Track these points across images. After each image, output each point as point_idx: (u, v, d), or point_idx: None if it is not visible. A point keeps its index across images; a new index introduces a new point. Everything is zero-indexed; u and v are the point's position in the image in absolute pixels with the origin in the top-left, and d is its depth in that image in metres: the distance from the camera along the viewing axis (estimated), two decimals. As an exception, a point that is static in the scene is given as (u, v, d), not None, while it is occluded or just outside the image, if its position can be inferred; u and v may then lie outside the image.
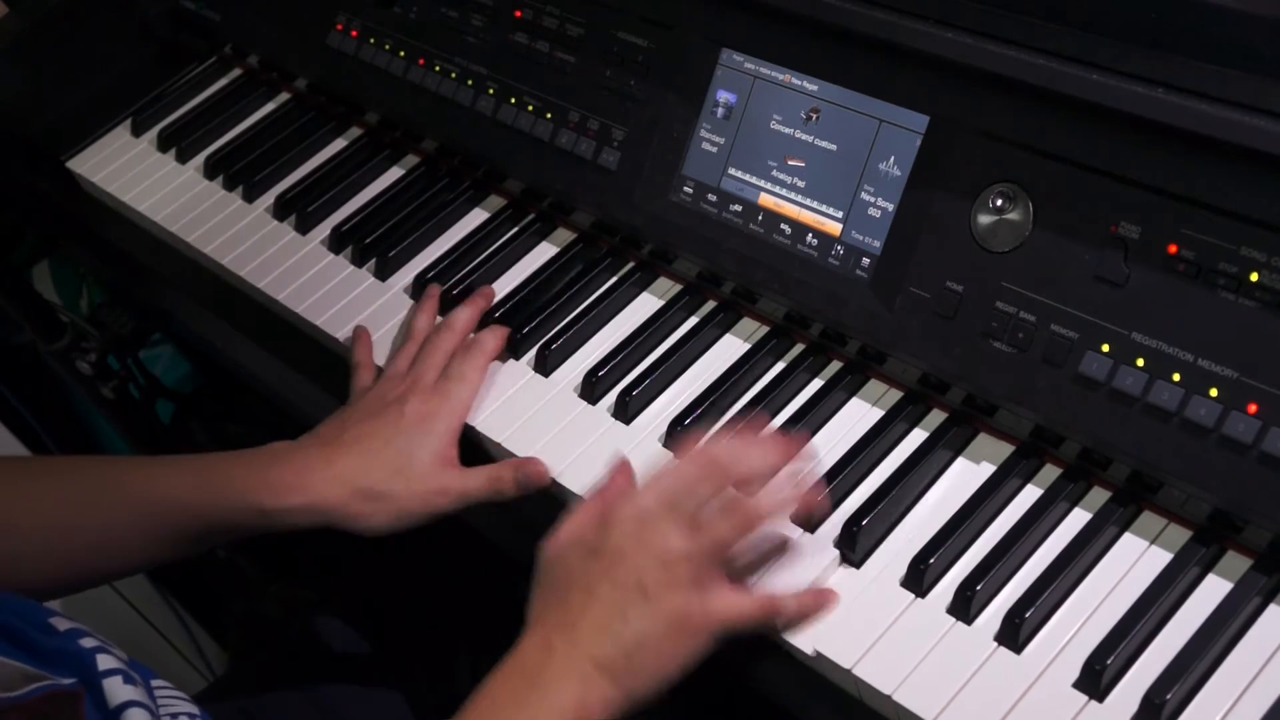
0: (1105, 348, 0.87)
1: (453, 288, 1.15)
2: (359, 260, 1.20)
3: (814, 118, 1.02)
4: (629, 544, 0.86)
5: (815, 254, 1.01)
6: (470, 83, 1.20)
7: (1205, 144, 0.83)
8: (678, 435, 0.99)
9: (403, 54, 1.25)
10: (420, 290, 1.16)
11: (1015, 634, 0.83)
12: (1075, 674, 0.81)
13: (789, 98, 1.03)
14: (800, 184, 1.02)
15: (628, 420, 1.02)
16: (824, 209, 1.01)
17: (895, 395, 0.99)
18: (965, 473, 0.94)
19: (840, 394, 1.00)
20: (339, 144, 1.33)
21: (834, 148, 1.01)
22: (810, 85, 1.02)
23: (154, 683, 0.79)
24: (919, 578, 0.87)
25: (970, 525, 0.90)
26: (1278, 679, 0.79)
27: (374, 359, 1.10)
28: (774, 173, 1.04)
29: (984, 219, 0.93)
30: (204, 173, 1.33)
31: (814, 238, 1.01)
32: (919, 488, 0.93)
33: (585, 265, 1.14)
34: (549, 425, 1.03)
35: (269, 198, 1.28)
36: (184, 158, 1.35)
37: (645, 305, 1.11)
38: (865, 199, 0.99)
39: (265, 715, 1.15)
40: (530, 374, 1.08)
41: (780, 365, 1.04)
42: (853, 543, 0.90)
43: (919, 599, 0.87)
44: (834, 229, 1.01)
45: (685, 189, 1.08)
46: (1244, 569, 0.84)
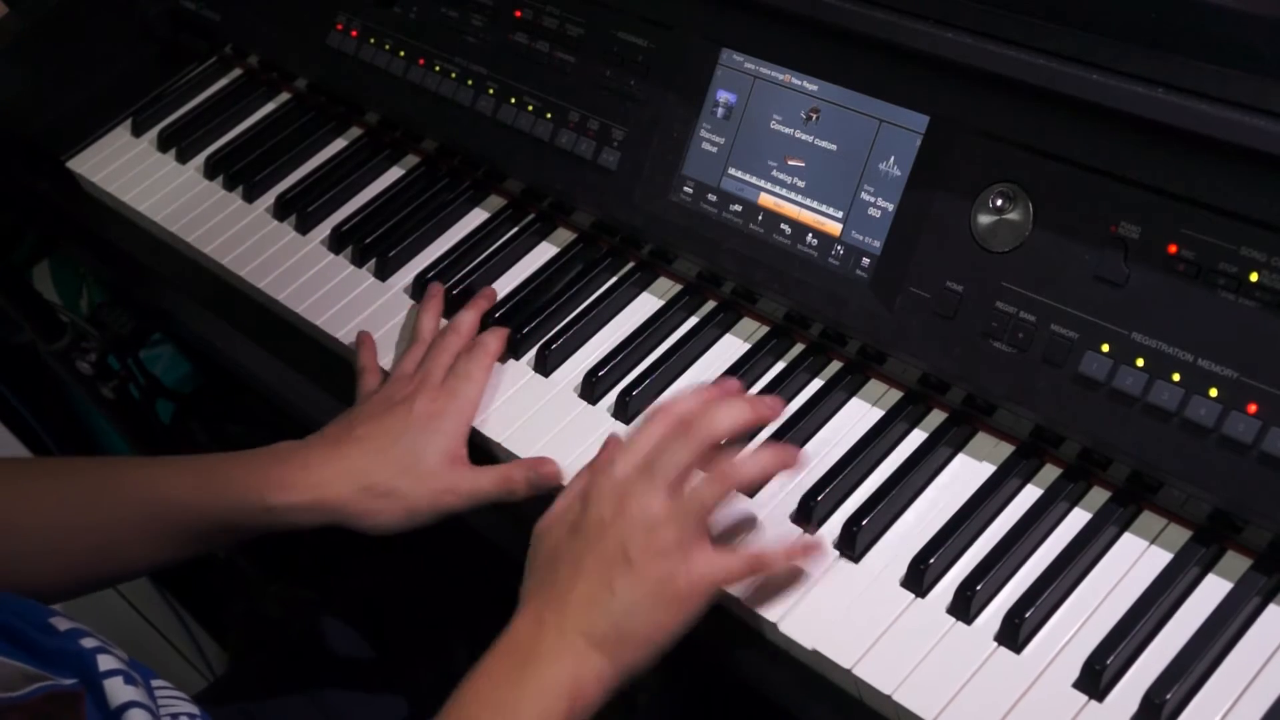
0: (1105, 348, 0.87)
1: (453, 288, 1.15)
2: (359, 260, 1.20)
3: (814, 118, 1.02)
4: (610, 515, 0.87)
5: (815, 254, 1.01)
6: (470, 83, 1.20)
7: (1205, 144, 0.83)
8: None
9: (403, 54, 1.25)
10: (420, 290, 1.15)
11: (1015, 634, 0.83)
12: (1075, 674, 0.81)
13: (789, 98, 1.03)
14: (800, 184, 1.02)
15: (628, 420, 1.02)
16: (824, 209, 1.01)
17: (895, 395, 0.99)
18: (965, 473, 0.94)
19: (840, 394, 1.00)
20: (339, 144, 1.32)
21: (834, 148, 1.01)
22: (810, 85, 1.02)
23: (154, 683, 0.79)
24: (919, 578, 0.87)
25: (970, 525, 0.90)
26: (1278, 679, 0.79)
27: (379, 363, 1.10)
28: (774, 173, 1.04)
29: (984, 219, 0.93)
30: (204, 173, 1.33)
31: (814, 238, 1.01)
32: (919, 488, 0.93)
33: (585, 265, 1.14)
34: (549, 425, 1.03)
35: (269, 198, 1.28)
36: (184, 158, 1.35)
37: (645, 305, 1.11)
38: (865, 199, 0.99)
39: (265, 715, 1.15)
40: (530, 374, 1.07)
41: (780, 365, 1.04)
42: (852, 543, 0.90)
43: (919, 599, 0.87)
44: (834, 229, 1.01)
45: (685, 189, 1.08)
46: (1244, 569, 0.84)
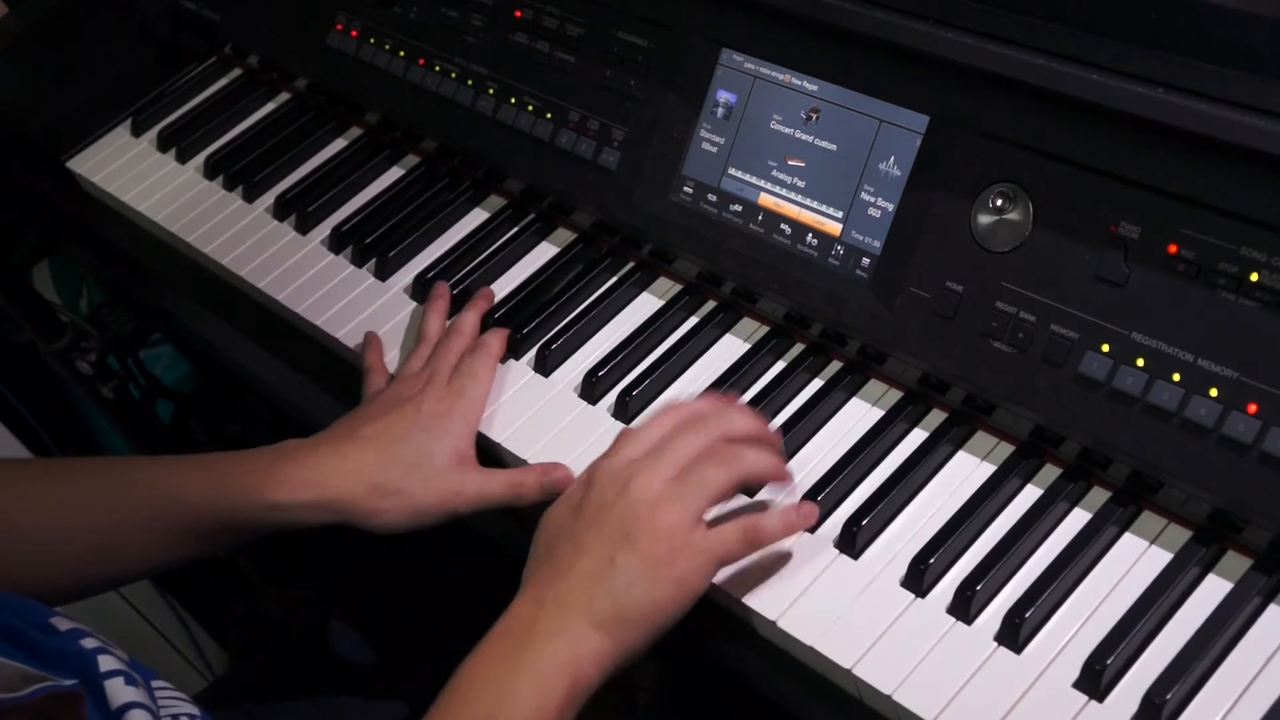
0: (1105, 348, 0.87)
1: (453, 288, 1.15)
2: (359, 260, 1.20)
3: (814, 118, 1.02)
4: (613, 495, 0.86)
5: (815, 254, 1.01)
6: (470, 83, 1.19)
7: (1205, 144, 0.83)
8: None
9: (403, 54, 1.25)
10: (420, 290, 1.16)
11: (1015, 634, 0.83)
12: (1075, 674, 0.81)
13: (789, 98, 1.03)
14: (800, 184, 1.02)
15: (628, 420, 1.02)
16: (824, 209, 1.01)
17: (895, 395, 0.99)
18: (965, 472, 0.94)
19: (840, 394, 1.00)
20: (339, 144, 1.32)
21: (834, 148, 1.01)
22: (810, 85, 1.02)
23: (155, 683, 0.79)
24: (919, 578, 0.87)
25: (970, 525, 0.90)
26: (1278, 679, 0.79)
27: (385, 364, 1.10)
28: (774, 173, 1.04)
29: (984, 219, 0.93)
30: (204, 173, 1.33)
31: (814, 238, 1.01)
32: (919, 487, 0.93)
33: (585, 265, 1.14)
34: (549, 425, 1.03)
35: (269, 198, 1.28)
36: (184, 158, 1.35)
37: (645, 305, 1.11)
38: (865, 199, 0.99)
39: (265, 716, 1.15)
40: (530, 374, 1.07)
41: (780, 365, 1.04)
42: (852, 543, 0.90)
43: (919, 599, 0.87)
44: (834, 229, 1.01)
45: (685, 189, 1.08)
46: (1244, 569, 0.84)
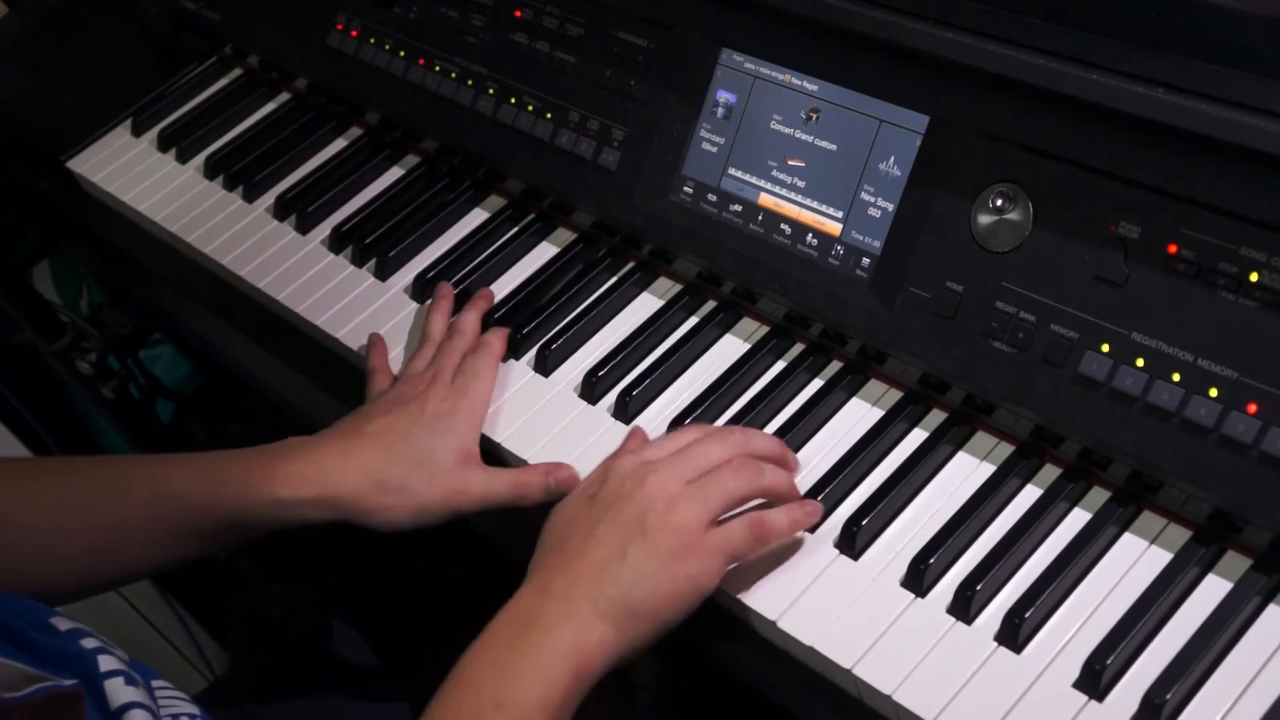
0: (1105, 348, 0.87)
1: (453, 288, 1.15)
2: (359, 260, 1.20)
3: (814, 118, 1.02)
4: (630, 488, 0.87)
5: (815, 254, 1.01)
6: (470, 83, 1.19)
7: (1205, 144, 0.83)
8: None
9: (403, 54, 1.25)
10: (420, 290, 1.16)
11: (1015, 634, 0.83)
12: (1075, 674, 0.81)
13: (789, 98, 1.03)
14: (800, 184, 1.02)
15: (628, 420, 1.02)
16: (824, 209, 1.01)
17: (895, 395, 0.99)
18: (965, 472, 0.94)
19: (840, 394, 1.00)
20: (339, 144, 1.32)
21: (834, 148, 1.01)
22: (810, 85, 1.02)
23: (155, 683, 0.78)
24: (919, 578, 0.87)
25: (970, 525, 0.90)
26: (1278, 679, 0.79)
27: (389, 365, 1.10)
28: (774, 173, 1.04)
29: (984, 219, 0.93)
30: (204, 173, 1.33)
31: (814, 238, 1.01)
32: (919, 487, 0.94)
33: (585, 265, 1.14)
34: (549, 425, 1.03)
35: (269, 198, 1.28)
36: (184, 158, 1.35)
37: (645, 305, 1.11)
38: (865, 199, 0.99)
39: (265, 716, 1.15)
40: (530, 374, 1.07)
41: (780, 365, 1.04)
42: (852, 543, 0.90)
43: (919, 599, 0.87)
44: (834, 229, 1.01)
45: (685, 189, 1.08)
46: (1244, 569, 0.84)
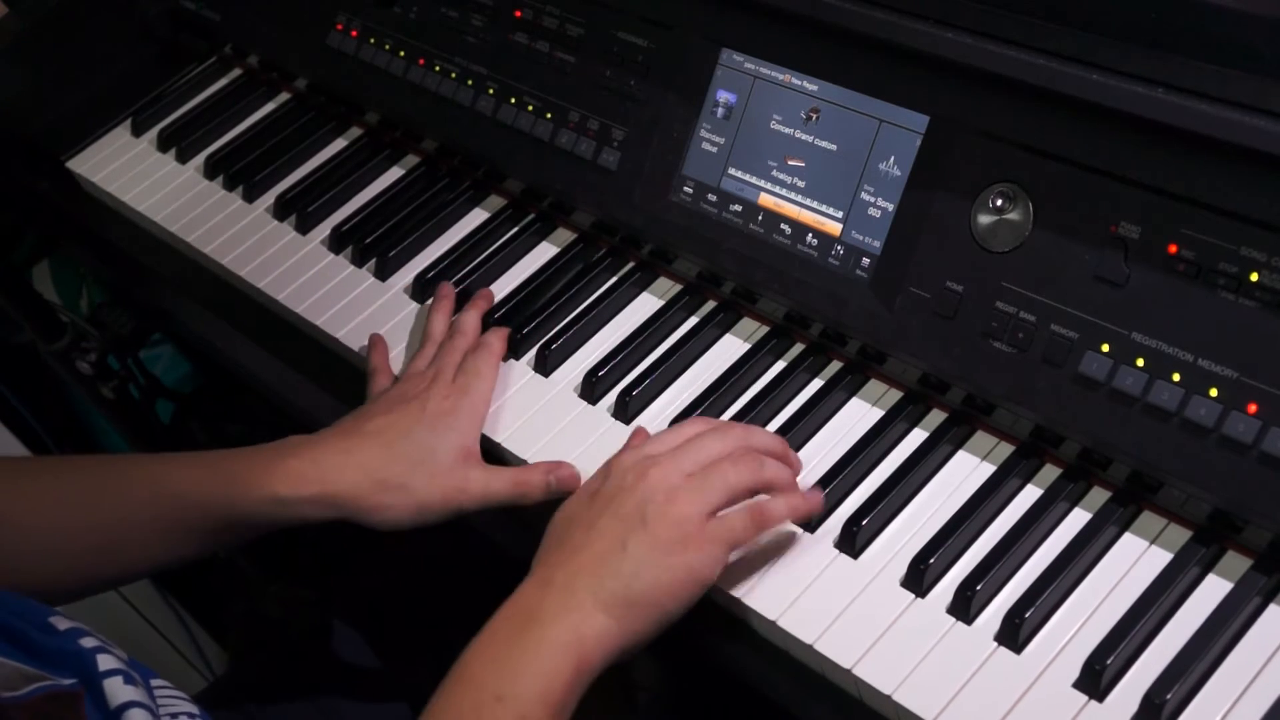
0: (1105, 348, 0.87)
1: (454, 288, 1.15)
2: (359, 260, 1.20)
3: (814, 118, 1.02)
4: (631, 479, 0.87)
5: (815, 254, 1.01)
6: (470, 83, 1.19)
7: (1205, 144, 0.83)
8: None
9: (403, 54, 1.25)
10: (420, 290, 1.16)
11: (1015, 634, 0.83)
12: (1075, 674, 0.81)
13: (789, 98, 1.03)
14: (800, 184, 1.02)
15: (628, 420, 1.02)
16: (824, 209, 1.01)
17: (895, 395, 0.99)
18: (965, 472, 0.94)
19: (840, 394, 1.00)
20: (339, 144, 1.32)
21: (834, 148, 1.01)
22: (810, 85, 1.02)
23: (154, 683, 0.78)
24: (919, 578, 0.87)
25: (970, 525, 0.90)
26: (1278, 679, 0.79)
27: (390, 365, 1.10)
28: (774, 173, 1.04)
29: (984, 219, 0.92)
30: (204, 173, 1.33)
31: (814, 238, 1.01)
32: (919, 487, 0.93)
33: (585, 265, 1.14)
34: (549, 425, 1.03)
35: (269, 198, 1.28)
36: (184, 158, 1.35)
37: (645, 305, 1.11)
38: (865, 199, 0.99)
39: (265, 716, 1.15)
40: (530, 374, 1.07)
41: (780, 365, 1.04)
42: (852, 542, 0.90)
43: (919, 599, 0.87)
44: (834, 229, 1.01)
45: (685, 189, 1.08)
46: (1244, 569, 0.84)
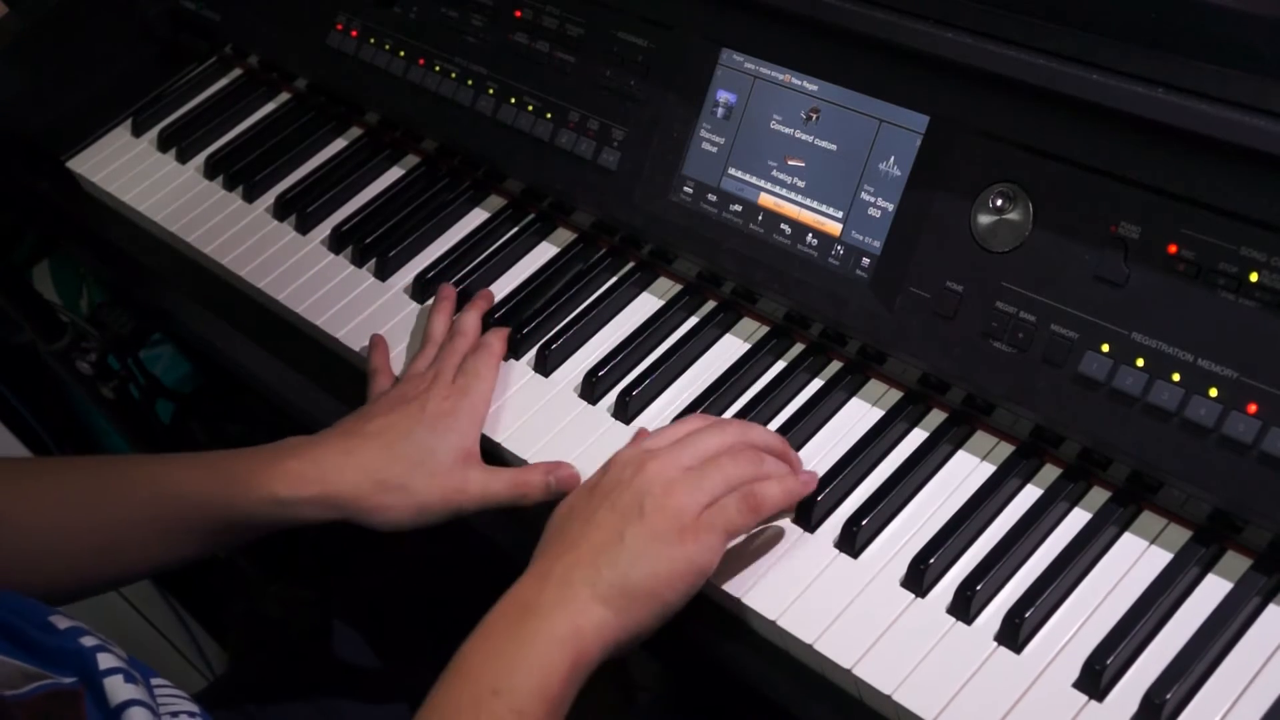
0: (1105, 348, 0.87)
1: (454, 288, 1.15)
2: (359, 260, 1.20)
3: (814, 118, 1.02)
4: (629, 473, 0.88)
5: (815, 254, 1.01)
6: (470, 83, 1.20)
7: (1205, 144, 0.83)
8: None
9: (403, 54, 1.25)
10: (420, 290, 1.16)
11: (1015, 634, 0.83)
12: (1075, 674, 0.81)
13: (789, 98, 1.03)
14: (800, 184, 1.02)
15: (628, 420, 1.02)
16: (824, 209, 1.01)
17: (895, 395, 0.99)
18: (965, 472, 0.94)
19: (840, 394, 1.00)
20: (339, 144, 1.32)
21: (834, 148, 1.01)
22: (810, 85, 1.02)
23: (154, 681, 0.78)
24: (919, 578, 0.87)
25: (970, 525, 0.90)
26: (1278, 679, 0.79)
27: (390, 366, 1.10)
28: (774, 173, 1.04)
29: (984, 219, 0.93)
30: (204, 173, 1.33)
31: (814, 238, 1.01)
32: (919, 487, 0.93)
33: (585, 265, 1.14)
34: (549, 425, 1.03)
35: (269, 198, 1.28)
36: (184, 158, 1.35)
37: (645, 305, 1.11)
38: (865, 199, 0.99)
39: (265, 716, 1.15)
40: (530, 374, 1.07)
41: (780, 365, 1.04)
42: (852, 542, 0.90)
43: (919, 599, 0.87)
44: (834, 229, 1.01)
45: (685, 189, 1.08)
46: (1244, 569, 0.84)
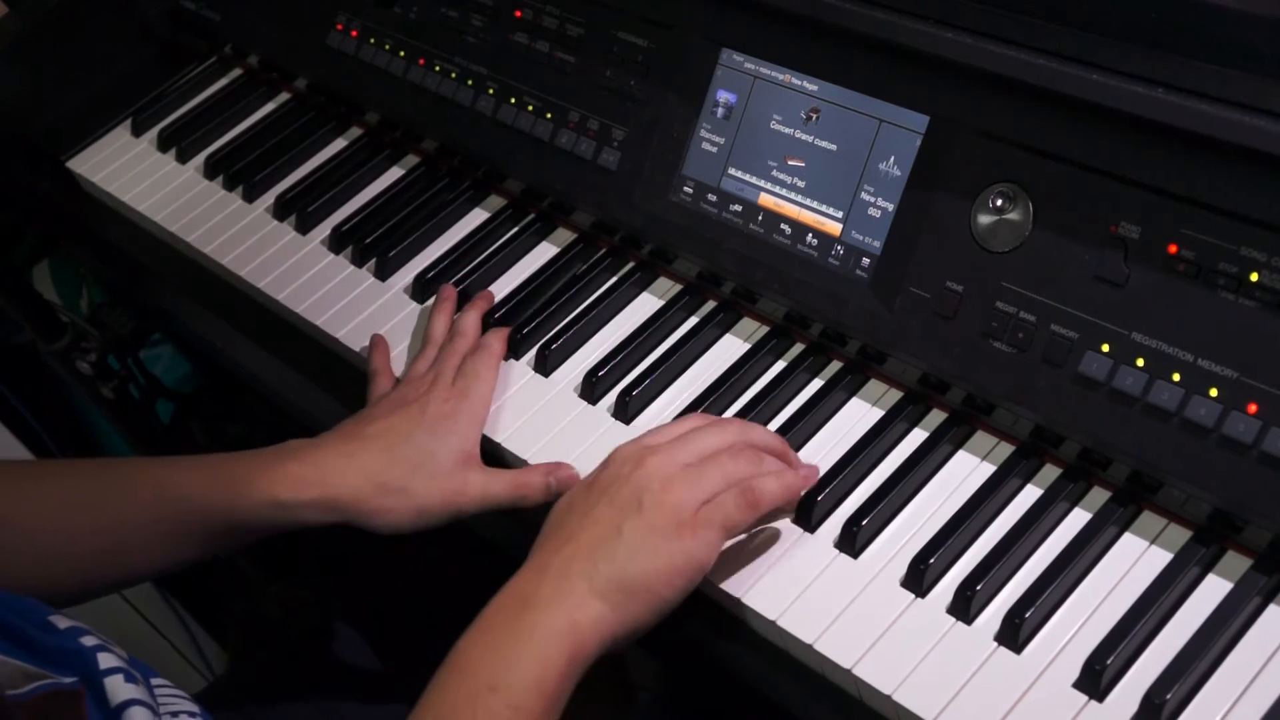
0: (1105, 348, 0.87)
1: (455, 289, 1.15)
2: (359, 260, 1.20)
3: (814, 118, 1.02)
4: (629, 469, 0.88)
5: (815, 254, 1.01)
6: (470, 83, 1.20)
7: (1205, 144, 0.83)
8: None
9: (403, 54, 1.25)
10: (420, 290, 1.16)
11: (1015, 634, 0.83)
12: (1075, 674, 0.81)
13: (789, 98, 1.03)
14: (800, 184, 1.02)
15: (628, 420, 1.02)
16: (824, 209, 1.01)
17: (895, 395, 0.99)
18: (965, 472, 0.94)
19: (840, 394, 1.00)
20: (339, 144, 1.32)
21: (834, 148, 1.01)
22: (810, 85, 1.02)
23: (154, 681, 0.78)
24: (919, 578, 0.87)
25: (970, 525, 0.90)
26: (1278, 679, 0.79)
27: (391, 367, 1.10)
28: (774, 173, 1.04)
29: (984, 219, 0.93)
30: (204, 173, 1.33)
31: (814, 238, 1.01)
32: (919, 487, 0.93)
33: (585, 265, 1.14)
34: (549, 425, 1.03)
35: (269, 198, 1.28)
36: (184, 158, 1.35)
37: (645, 305, 1.11)
38: (865, 199, 0.99)
39: (265, 716, 1.15)
40: (530, 374, 1.07)
41: (780, 365, 1.04)
42: (852, 542, 0.90)
43: (919, 599, 0.87)
44: (834, 229, 1.01)
45: (685, 189, 1.08)
46: (1244, 569, 0.84)
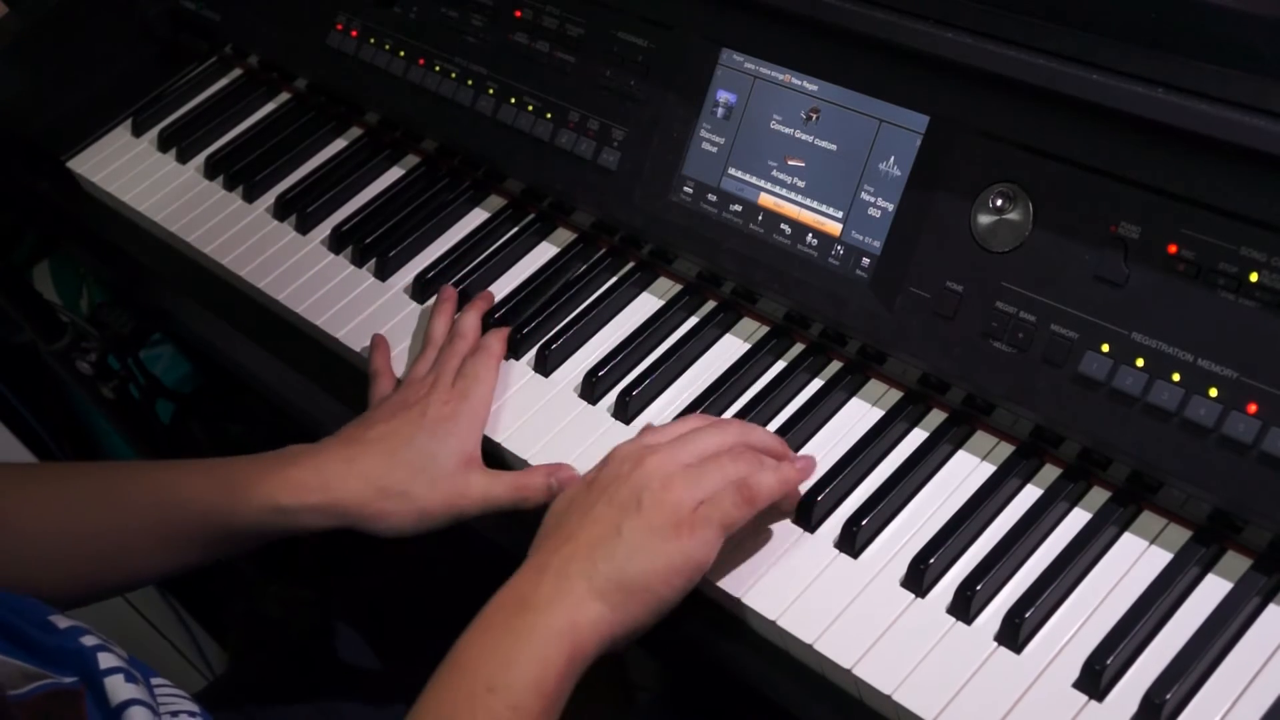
0: (1105, 348, 0.87)
1: (453, 288, 1.15)
2: (359, 260, 1.20)
3: (814, 118, 1.02)
4: (628, 468, 0.88)
5: (815, 254, 1.01)
6: (470, 83, 1.20)
7: (1205, 144, 0.83)
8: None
9: (403, 54, 1.25)
10: (420, 290, 1.16)
11: (1015, 634, 0.83)
12: (1075, 674, 0.81)
13: (789, 98, 1.03)
14: (800, 184, 1.02)
15: (628, 420, 1.02)
16: (824, 209, 1.01)
17: (895, 395, 0.99)
18: (965, 472, 0.94)
19: (840, 394, 1.00)
20: (339, 144, 1.32)
21: (834, 148, 1.01)
22: (810, 85, 1.02)
23: (154, 681, 0.78)
24: (919, 578, 0.87)
25: (970, 525, 0.90)
26: (1278, 679, 0.79)
27: (393, 367, 1.10)
28: (774, 173, 1.04)
29: (984, 219, 0.93)
30: (204, 173, 1.33)
31: (814, 238, 1.01)
32: (919, 487, 0.93)
33: (585, 265, 1.14)
34: (549, 425, 1.03)
35: (269, 198, 1.28)
36: (184, 158, 1.35)
37: (645, 305, 1.11)
38: (865, 199, 0.99)
39: (265, 716, 1.15)
40: (530, 374, 1.07)
41: (780, 365, 1.04)
42: (852, 542, 0.90)
43: (919, 599, 0.87)
44: (834, 229, 1.01)
45: (685, 189, 1.08)
46: (1244, 569, 0.84)
